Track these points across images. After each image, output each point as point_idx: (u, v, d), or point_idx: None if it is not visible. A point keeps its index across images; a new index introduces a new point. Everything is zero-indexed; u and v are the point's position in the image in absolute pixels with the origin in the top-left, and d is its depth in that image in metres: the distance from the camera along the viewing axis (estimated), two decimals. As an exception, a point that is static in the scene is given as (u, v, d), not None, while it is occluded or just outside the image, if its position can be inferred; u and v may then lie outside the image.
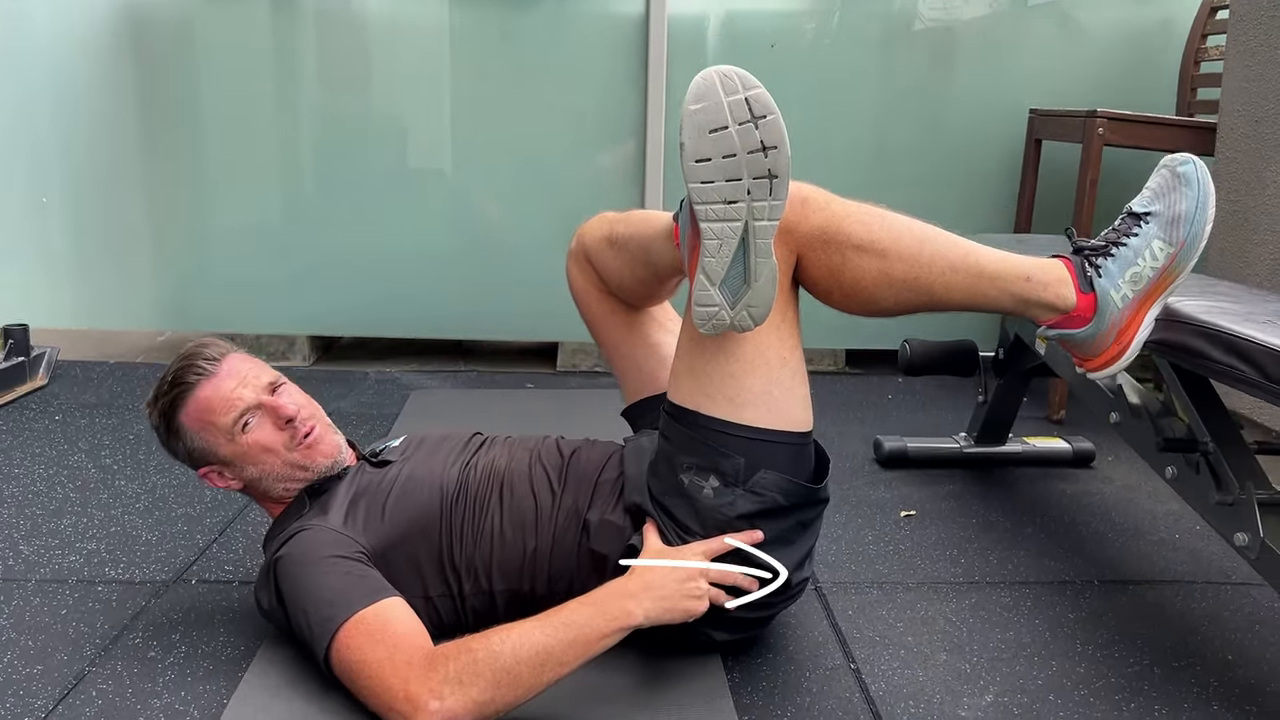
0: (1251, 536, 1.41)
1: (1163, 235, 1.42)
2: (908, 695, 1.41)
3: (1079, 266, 1.46)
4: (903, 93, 3.05)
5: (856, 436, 2.51)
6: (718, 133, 1.27)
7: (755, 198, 1.29)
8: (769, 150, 1.28)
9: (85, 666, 1.43)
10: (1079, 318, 1.44)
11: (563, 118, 3.01)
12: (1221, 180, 2.45)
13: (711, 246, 1.30)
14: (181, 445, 1.51)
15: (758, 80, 1.28)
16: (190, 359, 1.53)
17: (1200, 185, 1.42)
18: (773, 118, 1.28)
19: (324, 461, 1.53)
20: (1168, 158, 1.49)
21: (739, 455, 1.38)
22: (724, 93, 1.27)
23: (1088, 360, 1.48)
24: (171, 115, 2.97)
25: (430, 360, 3.18)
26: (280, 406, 1.50)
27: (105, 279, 3.06)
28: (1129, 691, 1.43)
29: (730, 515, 1.39)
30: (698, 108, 1.27)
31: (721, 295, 1.32)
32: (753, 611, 1.42)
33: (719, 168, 1.28)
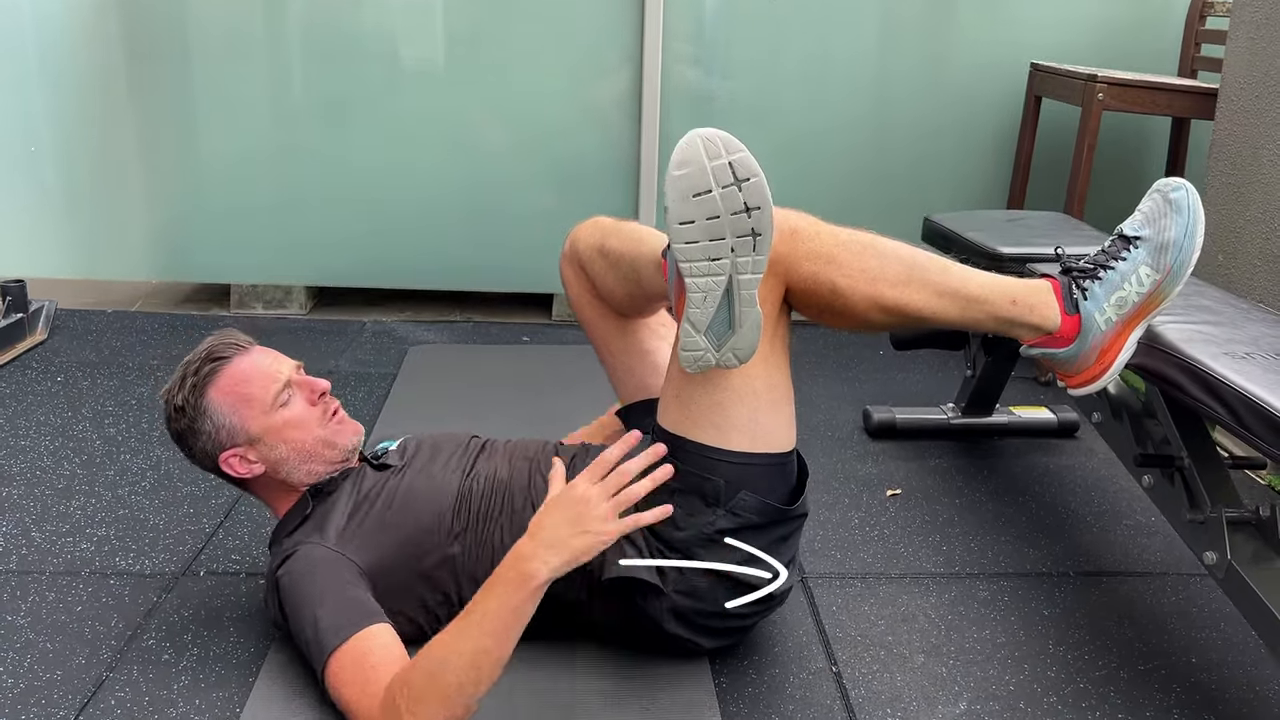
0: (1219, 557, 1.47)
1: (1150, 261, 1.44)
2: (885, 702, 1.49)
3: (1066, 288, 1.48)
4: (903, 45, 3.01)
5: (847, 401, 2.56)
6: (701, 196, 1.29)
7: (739, 254, 1.32)
8: (752, 211, 1.30)
9: (103, 672, 1.50)
10: (1062, 338, 1.47)
11: (557, 53, 2.97)
12: (1219, 150, 2.44)
13: (696, 299, 1.34)
14: (209, 424, 1.49)
15: (741, 144, 1.29)
16: (222, 338, 1.55)
17: (1190, 213, 1.44)
18: (756, 180, 1.30)
19: (351, 439, 1.56)
20: (1160, 182, 1.50)
21: (721, 478, 1.43)
22: (707, 157, 1.29)
23: (1069, 378, 1.52)
24: (159, 58, 2.93)
25: (425, 308, 3.21)
26: (314, 382, 1.55)
27: (99, 229, 3.06)
28: (1096, 698, 1.51)
29: (709, 532, 1.44)
30: (681, 174, 1.30)
31: (707, 340, 1.36)
32: (737, 619, 1.49)
33: (703, 229, 1.30)
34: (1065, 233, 2.21)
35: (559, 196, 3.06)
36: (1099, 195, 2.90)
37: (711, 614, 1.47)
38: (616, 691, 1.46)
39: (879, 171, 3.08)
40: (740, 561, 1.45)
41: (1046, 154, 3.00)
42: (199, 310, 3.12)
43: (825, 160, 3.06)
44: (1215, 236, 2.45)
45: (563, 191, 3.06)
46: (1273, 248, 2.25)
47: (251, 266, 3.10)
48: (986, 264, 2.06)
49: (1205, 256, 2.48)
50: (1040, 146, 2.96)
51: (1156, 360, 1.47)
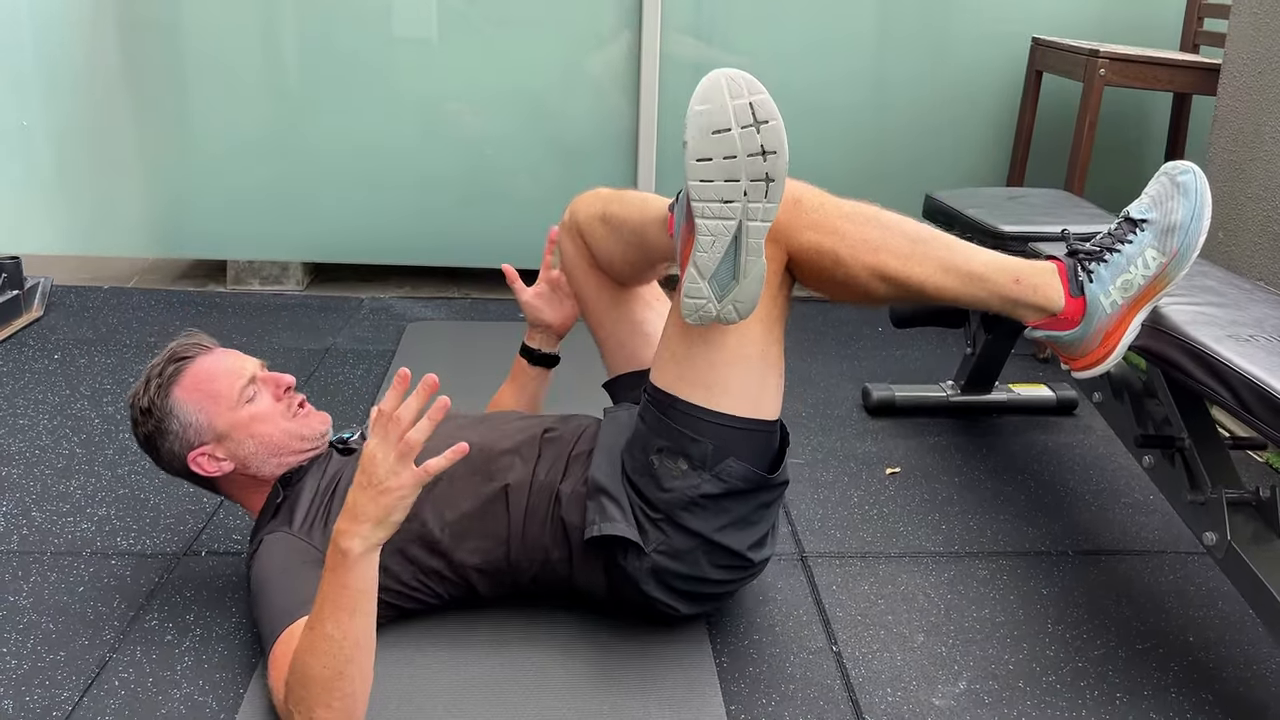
0: (1219, 537, 1.47)
1: (1156, 244, 1.44)
2: (885, 682, 1.50)
3: (1071, 270, 1.48)
4: (904, 19, 2.99)
5: (846, 378, 2.56)
6: (720, 134, 1.29)
7: (751, 199, 1.31)
8: (768, 155, 1.30)
9: (106, 653, 1.50)
10: (1067, 320, 1.47)
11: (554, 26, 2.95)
12: (1221, 127, 2.43)
13: (705, 242, 1.34)
14: (176, 424, 1.50)
15: (763, 86, 1.30)
16: (184, 340, 1.57)
17: (1197, 196, 1.43)
18: (775, 123, 1.30)
19: (319, 428, 1.58)
20: (1168, 165, 1.49)
21: (709, 440, 1.43)
22: (729, 96, 1.29)
23: (1073, 360, 1.51)
24: (154, 33, 2.90)
25: (423, 284, 3.20)
26: (279, 377, 1.57)
27: (95, 204, 3.04)
28: (1094, 677, 1.52)
29: (694, 495, 1.44)
30: (702, 109, 1.30)
31: (710, 289, 1.36)
32: (715, 586, 1.51)
33: (719, 168, 1.30)
34: (1066, 210, 2.20)
35: (557, 171, 3.04)
36: (1100, 172, 2.89)
37: (690, 577, 1.48)
38: (617, 673, 1.47)
39: (880, 146, 3.07)
40: (721, 528, 1.46)
41: (1047, 130, 2.99)
42: (195, 287, 3.11)
43: (826, 135, 3.04)
44: (1217, 213, 2.43)
45: (561, 166, 3.04)
46: (1274, 225, 2.24)
47: (248, 242, 3.09)
48: (988, 242, 2.06)
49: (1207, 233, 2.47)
50: (1041, 122, 2.95)
51: (1159, 341, 1.47)
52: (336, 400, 2.33)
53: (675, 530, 1.46)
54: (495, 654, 1.49)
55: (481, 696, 1.41)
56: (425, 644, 1.51)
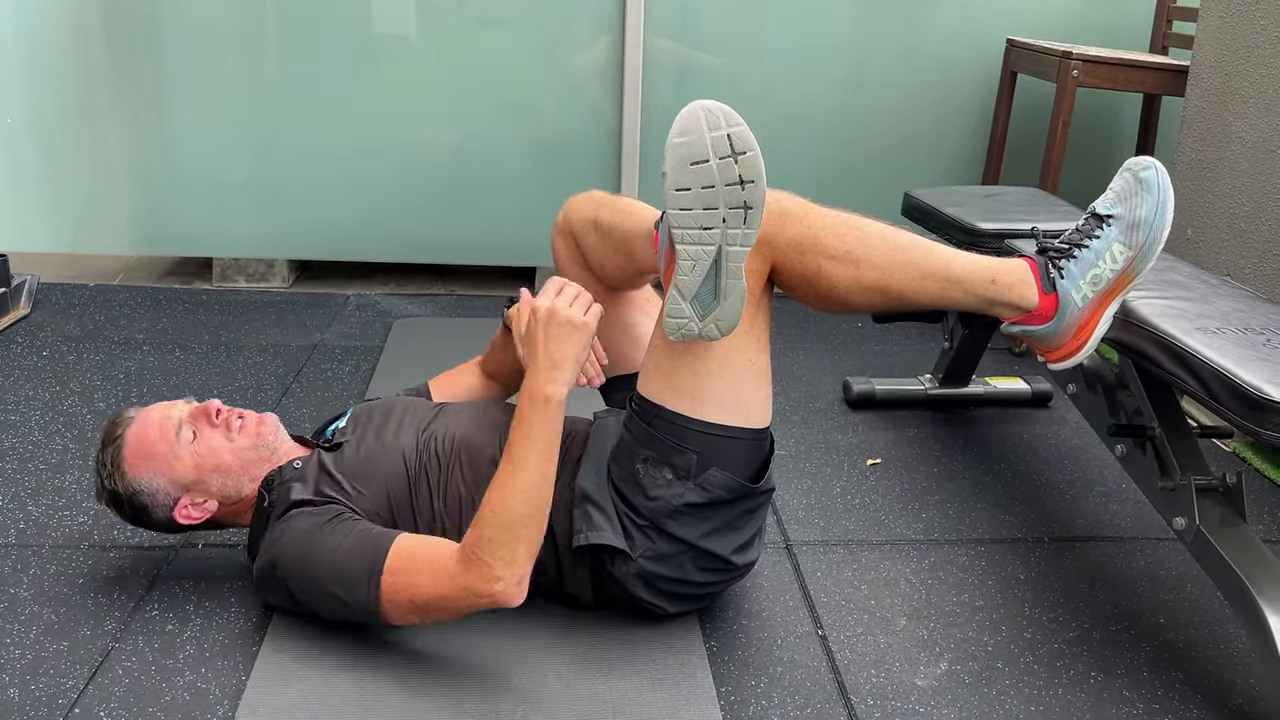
0: (1188, 522, 1.54)
1: (1123, 239, 1.49)
2: (870, 663, 1.55)
3: (1043, 268, 1.53)
4: (882, 20, 3.04)
5: (828, 373, 2.61)
6: (699, 165, 1.33)
7: (730, 226, 1.36)
8: (746, 184, 1.34)
9: (109, 642, 1.53)
10: (1041, 316, 1.53)
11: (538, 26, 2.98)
12: (1189, 127, 2.50)
13: (685, 266, 1.38)
14: (147, 497, 1.55)
15: (740, 118, 1.33)
16: (108, 424, 1.61)
17: (1160, 191, 1.49)
18: (752, 154, 1.34)
19: (266, 432, 1.61)
20: (1131, 161, 1.55)
21: (693, 450, 1.47)
22: (708, 128, 1.33)
23: (1048, 353, 1.57)
24: (138, 31, 2.91)
25: (408, 280, 3.23)
26: (205, 406, 1.60)
27: (80, 202, 3.05)
28: (1069, 658, 1.58)
29: (678, 504, 1.49)
30: (681, 141, 1.33)
31: (692, 309, 1.41)
32: (700, 587, 1.56)
33: (697, 197, 1.35)
34: (1041, 208, 2.26)
35: (541, 169, 3.08)
36: (1072, 170, 2.96)
37: (676, 580, 1.53)
38: (610, 656, 1.52)
39: (858, 146, 3.12)
40: (706, 534, 1.50)
41: (1021, 129, 3.06)
42: (181, 284, 3.13)
43: (805, 135, 3.09)
44: (1185, 211, 2.51)
45: (545, 165, 3.08)
46: (1240, 222, 2.32)
47: (234, 240, 3.11)
48: (966, 239, 2.12)
49: (1175, 230, 2.55)
50: (1015, 122, 3.02)
51: (1131, 334, 1.53)
52: (326, 396, 2.36)
53: (661, 536, 1.50)
54: (490, 640, 1.53)
55: (477, 681, 1.45)
56: (421, 632, 1.54)
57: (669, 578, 1.52)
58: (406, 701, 1.41)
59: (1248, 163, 2.29)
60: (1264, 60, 2.24)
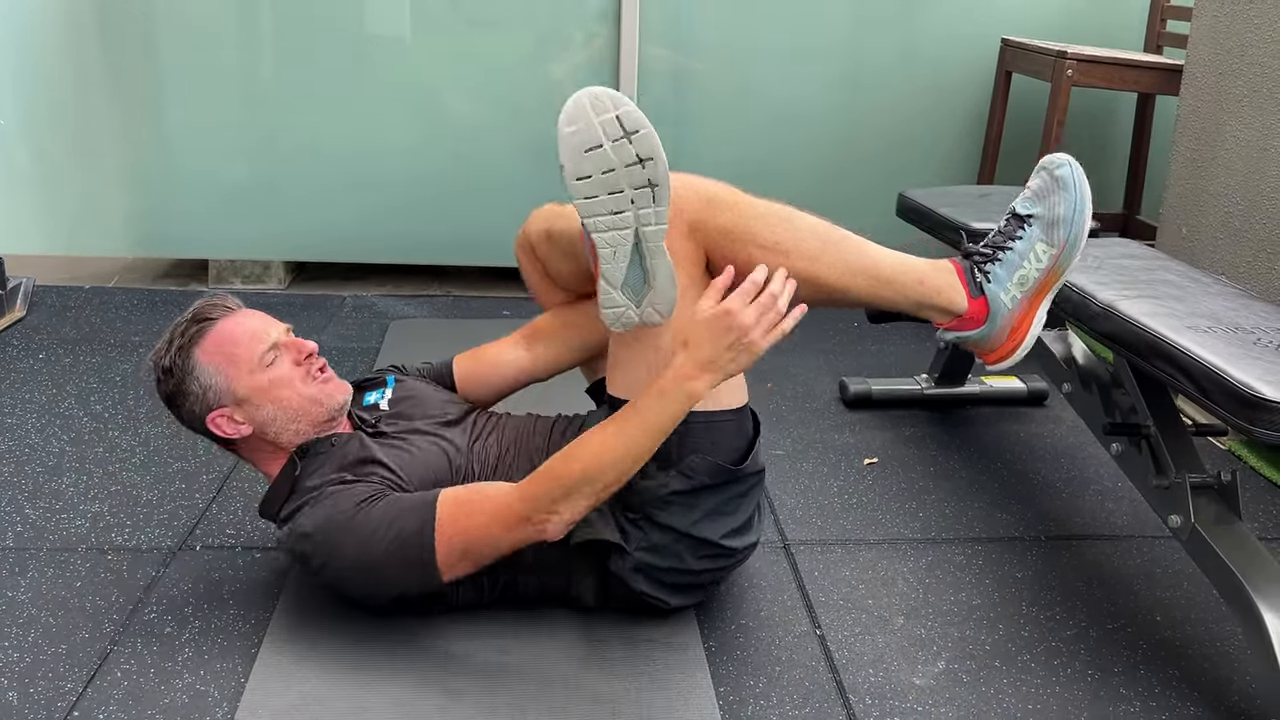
0: (1183, 520, 1.54)
1: (1045, 237, 1.50)
2: (868, 662, 1.56)
3: (968, 271, 1.54)
4: (877, 20, 3.05)
5: (825, 373, 2.62)
6: (593, 151, 1.35)
7: (640, 206, 1.37)
8: (645, 162, 1.35)
9: (107, 645, 1.53)
10: (972, 320, 1.54)
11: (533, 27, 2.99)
12: (1184, 126, 2.51)
13: (606, 254, 1.39)
14: (196, 385, 1.52)
15: (628, 98, 1.35)
16: (209, 301, 1.58)
17: (1076, 188, 1.50)
18: (645, 132, 1.35)
19: (338, 397, 1.60)
20: (1046, 159, 1.56)
21: (671, 438, 1.46)
22: (594, 113, 1.34)
23: (986, 355, 1.58)
24: (133, 32, 2.91)
25: (405, 282, 3.23)
26: (301, 343, 1.59)
27: (75, 204, 3.05)
28: (1067, 656, 1.58)
29: (663, 494, 1.49)
30: (571, 130, 1.35)
31: (624, 296, 1.41)
32: (699, 576, 1.56)
33: (600, 183, 1.36)
34: (1036, 207, 2.26)
35: (537, 170, 3.07)
36: (1067, 169, 2.96)
37: (674, 570, 1.53)
38: (611, 657, 1.52)
39: (854, 147, 3.13)
40: (696, 521, 1.50)
41: (1016, 129, 3.06)
42: (177, 286, 3.12)
43: (800, 136, 3.09)
44: (1179, 210, 2.52)
45: (541, 165, 3.05)
46: (1234, 220, 2.32)
47: (230, 241, 3.11)
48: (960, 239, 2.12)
49: (1170, 229, 2.56)
50: (1010, 122, 3.02)
51: (1125, 333, 1.54)
52: (323, 397, 2.36)
53: (653, 528, 1.50)
54: (490, 641, 1.54)
55: (477, 681, 1.46)
56: (420, 632, 1.55)
57: (667, 568, 1.52)
58: (405, 703, 1.41)
59: (1242, 161, 2.30)
60: (1258, 59, 2.25)
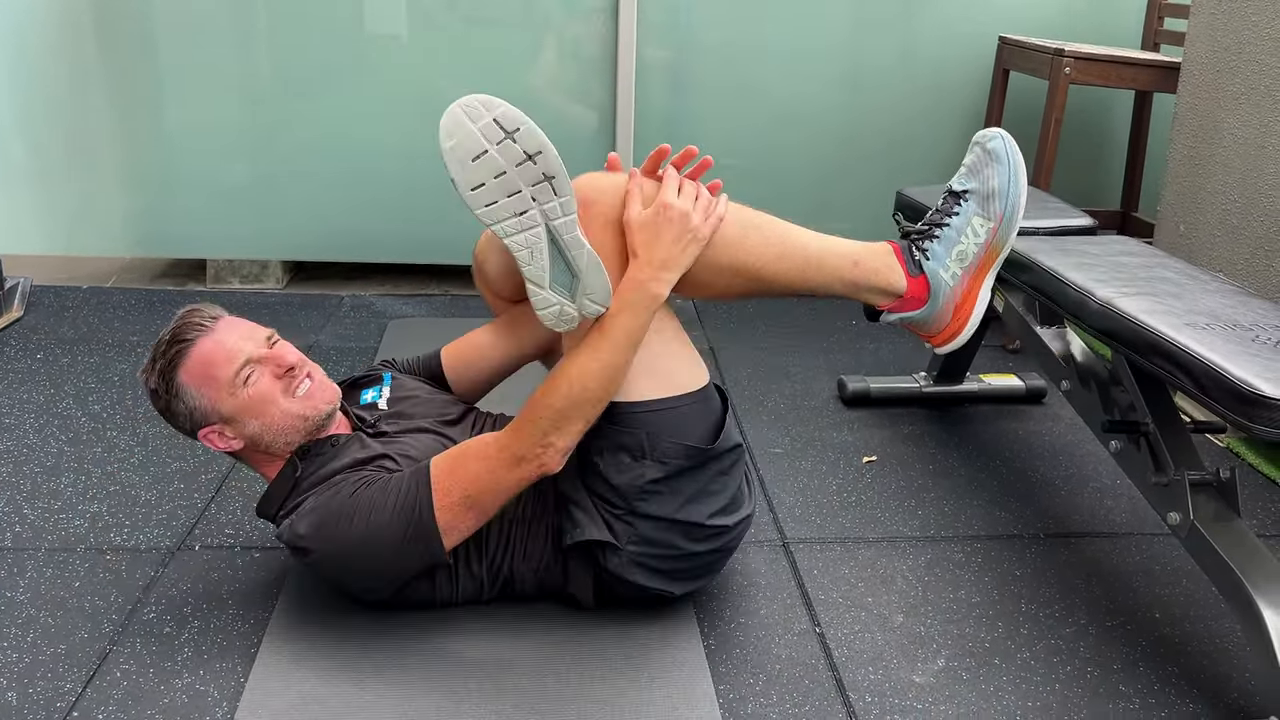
0: (1182, 517, 1.54)
1: (981, 211, 1.50)
2: (868, 661, 1.56)
3: (906, 250, 1.53)
4: (876, 17, 3.04)
5: (823, 371, 2.62)
6: (480, 159, 1.35)
7: (542, 201, 1.36)
8: (535, 157, 1.35)
9: (106, 645, 1.53)
10: (913, 299, 1.53)
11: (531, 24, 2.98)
12: (1181, 124, 2.51)
13: (523, 257, 1.38)
14: (182, 406, 1.53)
15: (501, 100, 1.35)
16: (187, 318, 1.56)
17: (1009, 160, 1.50)
18: (526, 128, 1.35)
19: (324, 408, 1.59)
20: (979, 134, 1.56)
21: (639, 430, 1.46)
22: (471, 121, 1.34)
23: (931, 337, 1.57)
24: (130, 31, 2.90)
25: (402, 281, 3.22)
26: (280, 356, 1.56)
27: (73, 204, 3.05)
28: (1066, 653, 1.58)
29: (642, 484, 1.48)
30: (451, 144, 1.35)
31: (556, 294, 1.40)
32: (697, 559, 1.55)
33: (496, 187, 1.35)
34: (1033, 205, 2.26)
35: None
36: (1065, 167, 2.97)
37: (670, 557, 1.53)
38: (609, 655, 1.52)
39: (852, 144, 3.12)
40: (681, 506, 1.50)
41: (1014, 126, 3.04)
42: (175, 285, 3.12)
43: (800, 134, 3.09)
44: (1177, 208, 2.52)
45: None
46: (1231, 218, 2.32)
47: (227, 241, 3.10)
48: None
49: (1167, 227, 2.56)
50: (1008, 119, 3.02)
51: (1123, 330, 1.54)
52: (322, 397, 2.35)
53: (640, 519, 1.50)
54: (489, 640, 1.54)
55: (476, 680, 1.45)
56: (420, 631, 1.55)
57: (663, 556, 1.52)
58: (405, 702, 1.41)
59: (1239, 159, 2.30)
60: (1255, 57, 2.25)
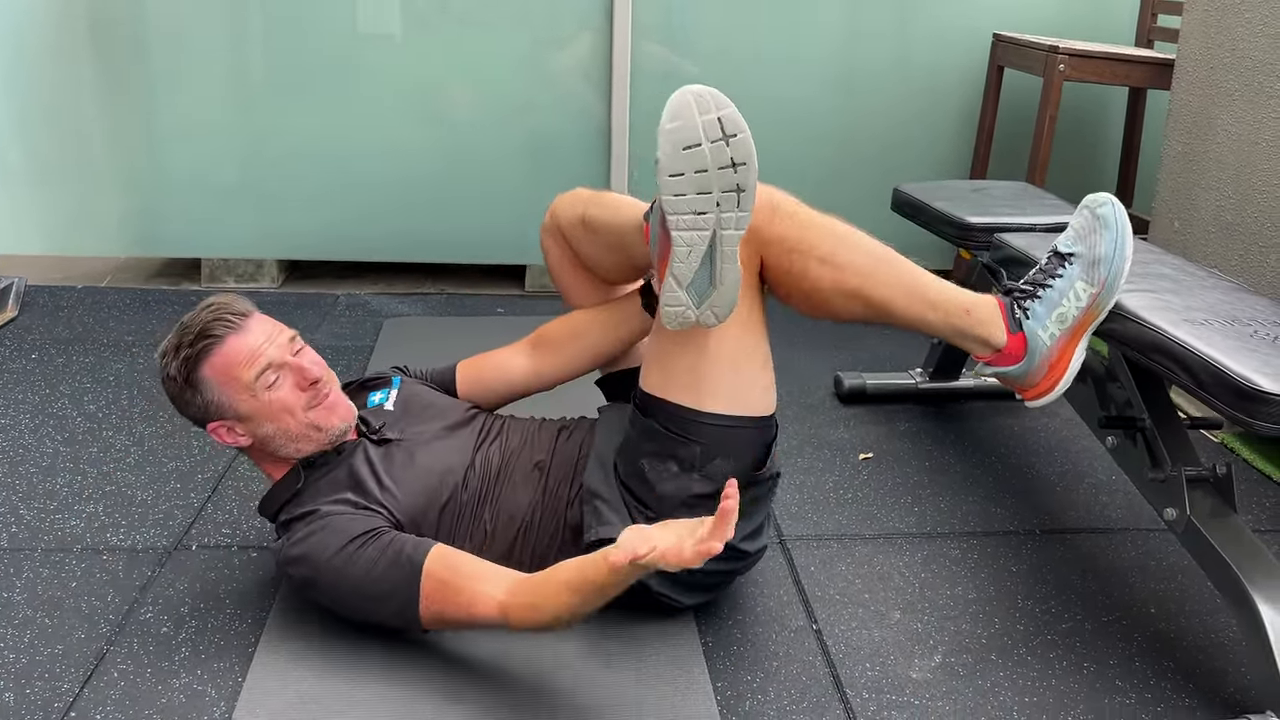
0: (1179, 512, 1.55)
1: (1085, 276, 1.52)
2: (865, 657, 1.56)
3: (1009, 308, 1.56)
4: (870, 15, 3.05)
5: (819, 368, 2.62)
6: (691, 150, 1.34)
7: (724, 210, 1.36)
8: (739, 167, 1.35)
9: (103, 645, 1.53)
10: (1010, 355, 1.55)
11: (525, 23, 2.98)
12: (1175, 120, 2.52)
13: (681, 252, 1.38)
14: (199, 398, 1.52)
15: (729, 100, 1.34)
16: (219, 312, 1.54)
17: (1118, 227, 1.52)
18: (743, 136, 1.34)
19: (339, 425, 1.59)
20: (1089, 198, 1.57)
21: (697, 442, 1.48)
22: (698, 112, 1.33)
23: (1024, 392, 1.59)
24: (124, 30, 2.90)
25: (398, 280, 3.22)
26: (306, 368, 1.55)
27: (67, 203, 3.04)
28: (1063, 649, 1.59)
29: (684, 496, 1.50)
30: (673, 126, 1.34)
31: (689, 296, 1.41)
32: (712, 577, 1.57)
33: (691, 182, 1.35)
34: (1029, 202, 2.27)
35: (531, 167, 3.08)
36: (1059, 164, 2.97)
37: (690, 571, 1.52)
38: (608, 652, 1.52)
39: (848, 142, 3.13)
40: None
41: (1009, 123, 3.06)
42: (170, 285, 3.12)
43: (795, 131, 3.09)
44: (1171, 204, 2.53)
45: (534, 162, 3.08)
46: (1226, 214, 2.33)
47: (222, 240, 3.10)
48: (955, 233, 2.13)
49: (1162, 223, 2.56)
50: (1003, 116, 3.03)
51: (1120, 326, 1.54)
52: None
53: None
54: (487, 638, 1.53)
55: (474, 679, 1.46)
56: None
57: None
58: (403, 701, 1.41)
59: (1233, 156, 2.31)
60: (1249, 53, 2.26)
